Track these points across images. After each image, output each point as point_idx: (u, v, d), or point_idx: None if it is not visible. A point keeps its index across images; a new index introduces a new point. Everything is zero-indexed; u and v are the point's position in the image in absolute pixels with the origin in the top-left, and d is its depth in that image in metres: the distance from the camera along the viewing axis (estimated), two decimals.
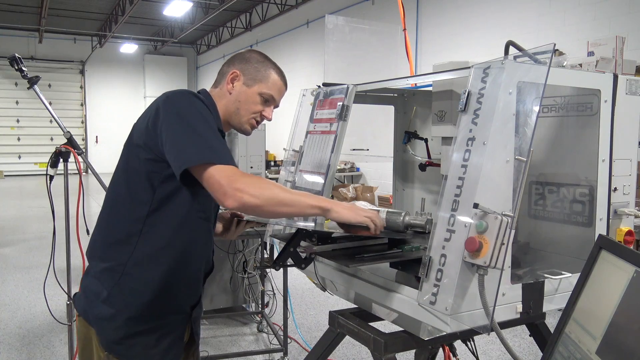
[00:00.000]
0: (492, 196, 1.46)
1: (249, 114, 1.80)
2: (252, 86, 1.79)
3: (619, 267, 1.06)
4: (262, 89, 1.79)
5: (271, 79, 1.82)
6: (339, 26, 2.46)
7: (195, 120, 1.56)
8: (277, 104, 1.88)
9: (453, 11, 9.23)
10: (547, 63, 1.50)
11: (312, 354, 2.03)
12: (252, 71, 1.80)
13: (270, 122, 1.95)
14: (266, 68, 1.82)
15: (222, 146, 1.55)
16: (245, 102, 1.79)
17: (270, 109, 1.85)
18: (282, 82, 1.87)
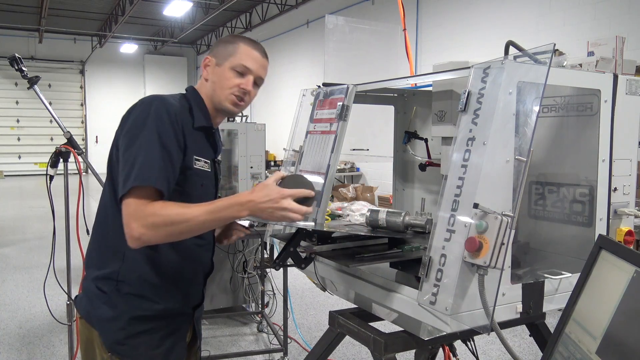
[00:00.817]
0: (492, 196, 1.46)
1: (224, 90, 1.72)
2: (223, 64, 1.73)
3: (619, 267, 1.06)
4: (232, 63, 1.72)
5: (241, 50, 1.73)
6: (339, 26, 2.46)
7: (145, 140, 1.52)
8: (258, 73, 1.76)
9: (453, 11, 9.23)
10: (547, 63, 1.50)
11: (312, 354, 2.04)
12: (222, 51, 1.75)
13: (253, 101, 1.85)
14: (234, 43, 1.75)
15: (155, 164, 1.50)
16: (218, 81, 1.73)
17: (248, 80, 1.73)
18: (256, 50, 1.76)
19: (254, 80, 1.75)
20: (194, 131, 1.68)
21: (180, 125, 1.60)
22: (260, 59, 1.77)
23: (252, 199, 1.50)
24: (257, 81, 1.77)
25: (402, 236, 1.95)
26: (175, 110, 1.60)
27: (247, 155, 4.44)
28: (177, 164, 1.57)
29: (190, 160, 1.64)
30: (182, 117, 1.63)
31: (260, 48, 1.79)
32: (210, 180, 1.76)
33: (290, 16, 14.13)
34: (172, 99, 1.67)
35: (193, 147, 1.65)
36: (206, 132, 1.75)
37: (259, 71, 1.76)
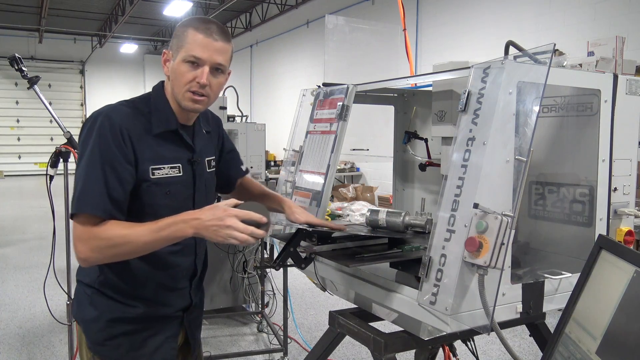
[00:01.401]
0: (492, 196, 1.46)
1: (181, 87, 1.58)
2: (176, 57, 1.58)
3: (619, 267, 1.06)
4: (183, 55, 1.56)
5: (189, 39, 1.56)
6: (339, 26, 2.46)
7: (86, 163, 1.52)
8: (213, 60, 1.57)
9: (453, 11, 9.23)
10: (547, 63, 1.50)
11: (312, 354, 2.03)
12: (175, 41, 1.60)
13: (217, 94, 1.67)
14: (184, 31, 1.58)
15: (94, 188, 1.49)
16: (175, 77, 1.59)
17: (203, 72, 1.56)
18: (204, 34, 1.55)
19: (213, 68, 1.58)
20: (153, 138, 1.60)
21: (128, 137, 1.53)
22: (211, 44, 1.56)
23: (198, 217, 1.45)
24: (218, 68, 1.59)
25: (402, 236, 1.95)
26: (122, 123, 1.54)
27: (247, 155, 4.44)
28: (125, 180, 1.52)
29: (145, 172, 1.57)
30: (133, 127, 1.56)
31: (212, 29, 1.57)
32: (184, 185, 1.67)
33: (290, 16, 14.13)
34: (126, 106, 1.60)
35: (150, 156, 1.58)
36: (172, 134, 1.65)
37: (213, 57, 1.56)
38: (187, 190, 1.69)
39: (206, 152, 1.79)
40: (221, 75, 1.62)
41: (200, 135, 1.77)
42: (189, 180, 1.69)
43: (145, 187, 1.57)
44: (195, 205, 1.69)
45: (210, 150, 1.83)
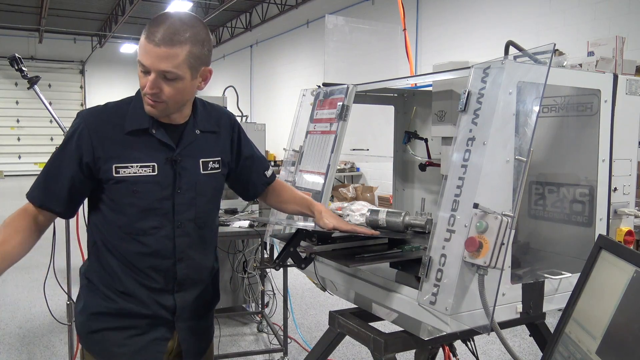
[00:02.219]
0: (492, 196, 1.46)
1: (141, 92, 1.57)
2: None
3: (619, 267, 1.06)
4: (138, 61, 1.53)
5: (140, 43, 1.51)
6: (339, 26, 2.46)
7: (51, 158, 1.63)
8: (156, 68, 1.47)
9: (453, 11, 9.23)
10: (547, 63, 1.50)
11: (312, 354, 2.03)
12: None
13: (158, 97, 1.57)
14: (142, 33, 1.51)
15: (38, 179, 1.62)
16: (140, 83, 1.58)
17: (148, 79, 1.50)
18: (148, 39, 1.46)
19: (161, 75, 1.49)
20: (125, 137, 1.59)
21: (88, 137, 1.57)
22: (153, 50, 1.45)
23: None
24: (166, 75, 1.48)
25: (402, 236, 1.95)
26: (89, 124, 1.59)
27: None
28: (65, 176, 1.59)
29: (107, 170, 1.57)
30: (101, 127, 1.59)
31: (157, 33, 1.44)
32: (156, 185, 1.61)
33: (290, 16, 14.13)
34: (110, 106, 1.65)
35: (116, 154, 1.58)
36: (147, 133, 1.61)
37: (155, 65, 1.46)
38: (162, 191, 1.62)
39: (202, 153, 1.70)
40: (177, 81, 1.50)
41: (193, 135, 1.68)
42: (166, 181, 1.62)
43: (110, 185, 1.59)
44: (176, 207, 1.63)
45: (213, 151, 1.74)
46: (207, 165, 1.71)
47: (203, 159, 1.70)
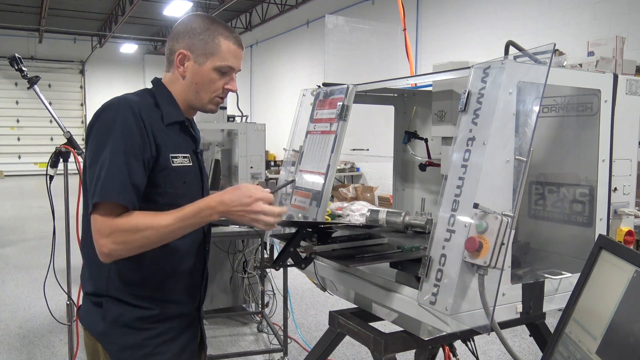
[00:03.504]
0: (492, 196, 1.46)
1: (210, 93, 1.65)
2: (205, 63, 1.61)
3: (619, 267, 1.06)
4: (215, 62, 1.61)
5: (223, 48, 1.61)
6: (339, 26, 2.46)
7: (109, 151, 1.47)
8: (239, 69, 1.69)
9: (453, 11, 9.23)
10: (547, 63, 1.50)
11: (312, 354, 2.03)
12: (200, 45, 1.61)
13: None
14: (214, 36, 1.60)
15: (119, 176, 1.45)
16: (202, 83, 1.63)
17: (233, 80, 1.67)
18: (236, 45, 1.64)
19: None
20: (166, 128, 1.60)
21: (150, 126, 1.53)
22: (241, 53, 1.67)
23: (223, 202, 1.46)
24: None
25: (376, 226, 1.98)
26: (142, 112, 1.53)
27: (247, 155, 4.43)
28: (146, 168, 1.51)
29: (166, 159, 1.57)
30: (149, 116, 1.56)
31: (238, 39, 1.66)
32: (194, 175, 1.69)
33: (290, 16, 14.13)
34: (136, 97, 1.59)
35: (167, 144, 1.58)
36: (180, 125, 1.67)
37: (240, 65, 1.69)
38: (197, 180, 1.70)
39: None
40: None
41: (195, 128, 1.80)
42: (197, 171, 1.71)
43: (166, 174, 1.56)
44: (205, 195, 1.70)
45: None
46: None
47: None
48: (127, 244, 1.44)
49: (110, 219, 1.43)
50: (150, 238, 1.45)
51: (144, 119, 1.52)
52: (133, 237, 1.44)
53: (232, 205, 1.46)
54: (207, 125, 4.51)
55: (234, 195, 1.47)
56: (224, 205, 1.46)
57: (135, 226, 1.44)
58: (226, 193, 1.47)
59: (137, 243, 1.45)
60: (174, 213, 1.47)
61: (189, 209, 1.47)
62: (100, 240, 1.44)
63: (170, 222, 1.45)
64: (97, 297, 1.61)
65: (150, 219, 1.45)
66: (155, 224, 1.45)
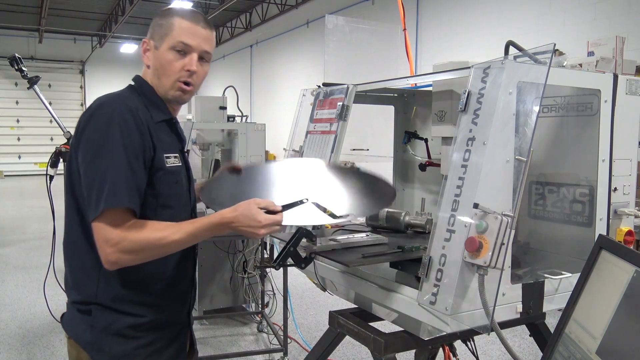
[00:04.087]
0: (492, 196, 1.46)
1: (170, 77, 1.54)
2: (161, 45, 1.53)
3: (619, 267, 1.06)
4: (170, 42, 1.52)
5: (176, 26, 1.52)
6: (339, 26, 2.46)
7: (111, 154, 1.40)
8: (201, 48, 1.55)
9: (453, 11, 9.23)
10: (547, 63, 1.50)
11: (312, 354, 2.03)
12: (157, 30, 1.54)
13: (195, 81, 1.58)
14: (168, 18, 1.54)
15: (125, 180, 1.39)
16: (161, 66, 1.54)
17: (192, 59, 1.53)
18: (191, 21, 1.54)
19: (200, 57, 1.56)
20: (157, 127, 1.53)
21: (146, 125, 1.47)
22: (200, 31, 1.55)
23: (234, 221, 1.44)
24: (203, 56, 1.57)
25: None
26: (138, 109, 1.47)
27: (247, 155, 4.43)
28: (146, 173, 1.46)
29: (161, 160, 1.50)
30: (144, 113, 1.50)
31: (199, 18, 1.56)
32: (183, 175, 1.61)
33: (290, 16, 14.13)
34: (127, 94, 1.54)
35: (160, 144, 1.51)
36: (168, 123, 1.60)
37: (201, 45, 1.54)
38: (186, 181, 1.63)
39: None
40: (206, 64, 1.59)
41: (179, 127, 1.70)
42: (185, 171, 1.64)
43: (162, 176, 1.50)
44: (192, 197, 1.67)
45: None
46: None
47: None
48: (136, 254, 1.41)
49: (119, 226, 1.38)
50: (160, 251, 1.45)
51: (140, 116, 1.47)
52: (143, 249, 1.41)
53: (244, 225, 1.44)
54: (207, 125, 4.52)
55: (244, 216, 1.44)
56: (236, 225, 1.45)
57: (147, 240, 1.40)
58: (237, 212, 1.45)
59: (146, 255, 1.43)
60: (185, 227, 1.44)
61: (201, 224, 1.45)
62: (107, 249, 1.38)
63: (182, 237, 1.43)
64: (85, 305, 1.53)
65: (161, 233, 1.42)
66: (168, 240, 1.42)
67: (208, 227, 1.44)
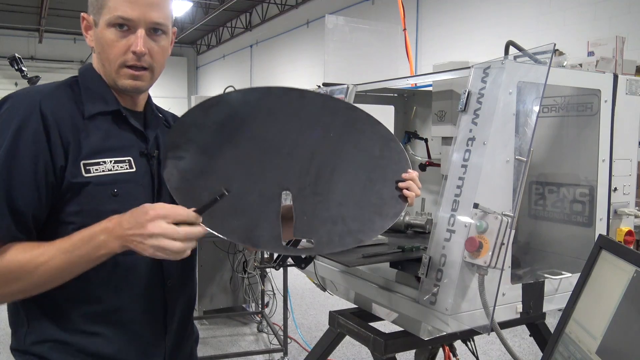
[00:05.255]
0: (492, 196, 1.46)
1: (113, 61, 1.20)
2: (99, 22, 1.19)
3: (619, 267, 1.06)
4: (106, 16, 1.17)
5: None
6: (339, 26, 2.46)
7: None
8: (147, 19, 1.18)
9: (453, 11, 9.23)
10: (547, 63, 1.50)
11: (312, 354, 2.03)
12: (94, 3, 1.20)
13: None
14: None
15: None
16: (102, 49, 1.20)
17: (137, 37, 1.17)
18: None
19: (150, 29, 1.20)
20: (86, 125, 1.18)
21: (55, 124, 1.13)
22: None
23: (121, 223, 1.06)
24: (156, 29, 1.20)
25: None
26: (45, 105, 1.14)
27: None
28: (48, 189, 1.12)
29: (74, 172, 1.14)
30: (60, 110, 1.16)
31: None
32: (138, 184, 1.23)
33: (290, 16, 14.13)
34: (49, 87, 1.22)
35: (84, 147, 1.16)
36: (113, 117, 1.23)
37: (147, 15, 1.17)
38: (144, 193, 1.24)
39: None
40: (163, 37, 1.23)
41: (156, 124, 1.33)
42: (146, 180, 1.25)
43: (80, 190, 1.15)
44: None
45: None
46: None
47: None
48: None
49: None
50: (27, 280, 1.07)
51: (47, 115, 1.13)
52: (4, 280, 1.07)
53: (126, 228, 1.04)
54: None
55: (130, 215, 1.06)
56: (121, 229, 1.05)
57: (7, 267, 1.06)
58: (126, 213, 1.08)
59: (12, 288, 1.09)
60: (60, 242, 1.08)
61: (80, 235, 1.08)
62: None
63: (52, 256, 1.07)
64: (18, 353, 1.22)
65: (26, 254, 1.08)
66: (33, 261, 1.07)
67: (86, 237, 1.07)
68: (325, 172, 1.31)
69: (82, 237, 1.08)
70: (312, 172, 1.30)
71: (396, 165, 1.44)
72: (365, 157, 1.39)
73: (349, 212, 1.28)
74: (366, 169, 1.37)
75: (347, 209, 1.28)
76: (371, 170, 1.37)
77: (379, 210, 1.31)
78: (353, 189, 1.32)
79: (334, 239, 1.24)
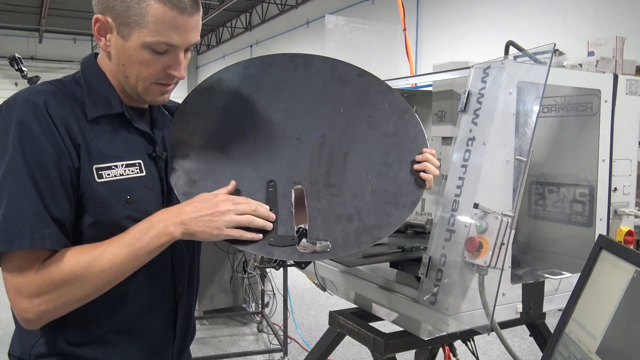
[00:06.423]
0: (492, 196, 1.46)
1: (143, 80, 1.14)
2: (130, 36, 1.10)
3: (619, 267, 1.06)
4: (143, 37, 1.09)
5: (151, 16, 1.07)
6: (339, 26, 2.46)
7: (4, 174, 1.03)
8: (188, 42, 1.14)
9: (453, 11, 9.23)
10: (547, 63, 1.50)
11: (312, 354, 2.03)
12: (123, 11, 1.09)
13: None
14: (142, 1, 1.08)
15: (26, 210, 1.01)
16: (130, 65, 1.13)
17: (178, 60, 1.14)
18: (173, 9, 1.08)
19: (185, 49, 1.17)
20: (92, 127, 1.13)
21: (63, 126, 1.08)
22: (187, 21, 1.11)
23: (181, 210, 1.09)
24: (189, 48, 1.18)
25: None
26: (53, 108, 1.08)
27: None
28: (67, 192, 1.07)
29: (87, 176, 1.09)
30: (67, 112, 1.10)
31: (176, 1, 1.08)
32: (149, 188, 1.18)
33: (290, 16, 14.14)
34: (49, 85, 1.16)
35: (94, 150, 1.11)
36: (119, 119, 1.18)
37: (189, 39, 1.14)
38: (155, 198, 1.20)
39: None
40: (189, 52, 1.20)
41: (162, 123, 1.27)
42: (156, 184, 1.20)
43: (93, 197, 1.09)
44: None
45: None
46: None
47: None
48: (62, 298, 1.04)
49: (28, 274, 1.02)
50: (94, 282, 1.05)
51: (56, 117, 1.07)
52: (68, 287, 1.04)
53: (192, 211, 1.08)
54: None
55: (192, 202, 1.11)
56: (183, 215, 1.08)
57: (72, 272, 1.03)
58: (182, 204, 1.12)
59: (77, 293, 1.05)
60: (117, 240, 1.08)
61: (136, 228, 1.09)
62: (22, 304, 1.03)
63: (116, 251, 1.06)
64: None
65: (87, 255, 1.05)
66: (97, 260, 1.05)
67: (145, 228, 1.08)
68: (338, 159, 1.22)
69: (141, 229, 1.08)
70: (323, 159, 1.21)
71: (412, 142, 1.32)
72: (379, 136, 1.27)
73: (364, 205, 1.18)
74: (381, 150, 1.25)
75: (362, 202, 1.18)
76: (386, 152, 1.26)
77: (396, 200, 1.20)
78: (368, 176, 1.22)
79: (349, 239, 1.16)
